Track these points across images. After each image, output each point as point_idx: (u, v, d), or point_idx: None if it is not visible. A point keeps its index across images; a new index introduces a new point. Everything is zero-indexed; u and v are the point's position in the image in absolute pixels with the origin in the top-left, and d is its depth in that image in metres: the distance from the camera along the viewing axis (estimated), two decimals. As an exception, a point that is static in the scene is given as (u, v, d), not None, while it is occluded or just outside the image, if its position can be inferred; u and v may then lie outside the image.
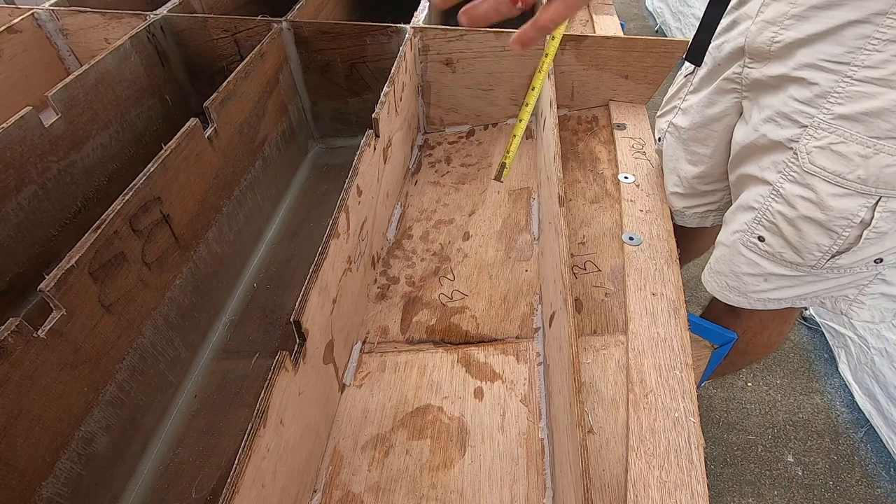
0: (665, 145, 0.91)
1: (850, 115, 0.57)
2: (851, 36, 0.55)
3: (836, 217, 0.62)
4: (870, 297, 0.72)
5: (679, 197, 0.91)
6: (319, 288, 0.62)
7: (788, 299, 0.75)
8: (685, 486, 0.56)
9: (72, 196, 0.92)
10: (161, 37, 1.13)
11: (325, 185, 1.22)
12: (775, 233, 0.68)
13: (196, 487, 0.70)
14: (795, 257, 0.68)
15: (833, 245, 0.64)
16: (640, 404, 0.63)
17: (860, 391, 1.29)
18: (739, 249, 0.73)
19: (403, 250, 0.96)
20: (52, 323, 0.57)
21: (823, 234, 0.64)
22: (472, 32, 1.11)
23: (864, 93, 0.56)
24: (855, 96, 0.57)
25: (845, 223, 0.62)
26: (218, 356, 0.86)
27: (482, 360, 0.77)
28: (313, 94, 1.26)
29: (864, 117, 0.56)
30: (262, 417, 0.49)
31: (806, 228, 0.65)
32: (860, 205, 0.60)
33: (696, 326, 0.82)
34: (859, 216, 0.60)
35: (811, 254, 0.66)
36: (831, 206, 0.61)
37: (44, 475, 0.58)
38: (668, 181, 0.92)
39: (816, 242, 0.65)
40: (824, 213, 0.62)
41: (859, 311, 0.73)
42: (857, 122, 0.57)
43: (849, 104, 0.57)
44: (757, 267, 0.72)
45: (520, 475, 0.64)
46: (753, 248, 0.71)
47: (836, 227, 0.63)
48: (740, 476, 1.27)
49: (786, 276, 0.71)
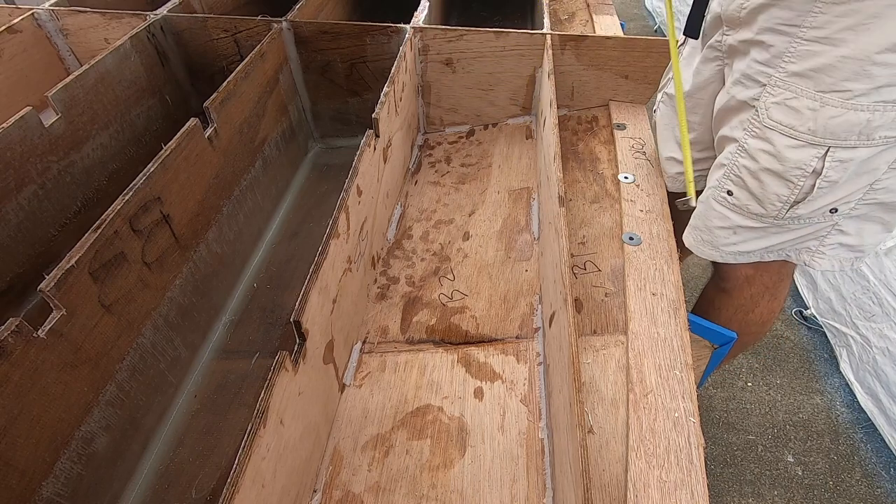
0: (660, 115, 0.95)
1: (801, 72, 0.63)
2: (800, 0, 0.61)
3: (792, 167, 0.67)
4: (829, 248, 0.77)
5: (675, 163, 0.94)
6: (319, 288, 0.62)
7: (757, 252, 0.80)
8: (685, 486, 0.56)
9: (72, 196, 0.92)
10: (161, 37, 1.13)
11: (325, 185, 1.22)
12: (741, 186, 0.73)
13: (196, 487, 0.70)
14: (759, 208, 0.73)
15: (791, 195, 0.69)
16: (640, 404, 0.63)
17: (862, 390, 1.29)
18: (711, 204, 0.78)
19: (403, 250, 0.96)
20: (52, 323, 0.57)
21: (782, 184, 0.69)
22: (472, 32, 1.11)
23: (812, 51, 0.62)
24: (804, 55, 0.63)
25: (800, 173, 0.67)
26: (218, 356, 0.86)
27: (482, 360, 0.77)
28: (313, 94, 1.26)
29: (812, 73, 0.62)
30: (262, 417, 0.49)
31: (767, 180, 0.70)
32: (812, 155, 0.65)
33: (696, 326, 0.82)
34: (811, 166, 0.66)
35: (772, 204, 0.71)
36: (787, 157, 0.67)
37: (44, 475, 0.58)
38: (664, 148, 0.95)
39: (776, 193, 0.70)
40: (782, 164, 0.68)
41: (821, 260, 0.78)
42: (807, 78, 0.63)
43: (799, 62, 0.63)
44: (727, 220, 0.77)
45: (520, 475, 0.64)
46: (723, 202, 0.76)
47: (792, 178, 0.68)
48: (740, 476, 1.27)
49: (752, 229, 0.76)
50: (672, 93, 0.90)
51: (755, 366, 1.50)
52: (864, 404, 1.31)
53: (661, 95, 0.95)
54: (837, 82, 0.61)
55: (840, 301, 1.39)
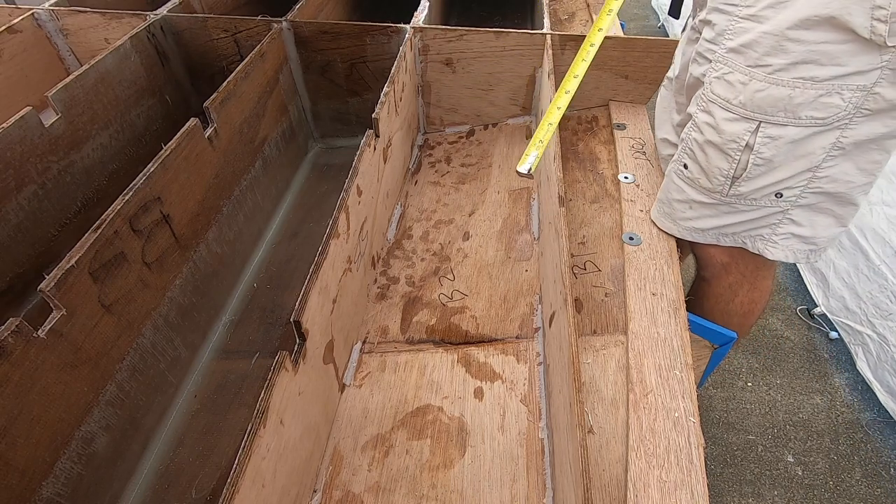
0: (659, 98, 0.99)
1: (735, 47, 0.68)
2: None
3: (728, 140, 0.70)
4: (782, 238, 0.78)
5: (668, 144, 0.95)
6: (319, 288, 0.62)
7: (711, 231, 0.81)
8: (685, 485, 0.56)
9: (72, 196, 0.92)
10: (161, 37, 1.13)
11: (325, 185, 1.22)
12: (693, 159, 0.77)
13: (196, 487, 0.70)
14: (706, 182, 0.76)
15: (730, 169, 0.72)
16: (640, 404, 0.63)
17: (882, 389, 1.29)
18: (672, 178, 0.81)
19: (403, 250, 0.96)
20: (52, 323, 0.57)
21: (722, 157, 0.72)
22: (472, 32, 1.11)
23: (743, 28, 0.67)
24: (738, 31, 0.67)
25: (735, 146, 0.70)
26: (218, 356, 0.86)
27: (482, 360, 0.77)
28: (313, 94, 1.26)
29: (742, 48, 0.67)
30: (262, 417, 0.49)
31: (710, 152, 0.73)
32: (744, 129, 0.69)
33: (696, 326, 0.82)
34: (744, 139, 0.69)
35: (716, 178, 0.74)
36: (724, 129, 0.70)
37: (44, 475, 0.58)
38: (659, 130, 0.98)
39: (718, 166, 0.73)
40: (720, 137, 0.71)
41: (773, 249, 0.79)
42: (739, 54, 0.67)
43: (735, 39, 0.68)
44: (683, 193, 0.80)
45: (520, 475, 0.64)
46: (680, 174, 0.79)
47: (729, 151, 0.71)
48: (740, 476, 1.27)
49: (705, 204, 0.78)
50: (672, 76, 0.93)
51: (755, 366, 1.50)
52: (885, 403, 1.31)
53: (664, 79, 0.99)
54: (761, 57, 0.65)
55: (855, 299, 1.38)
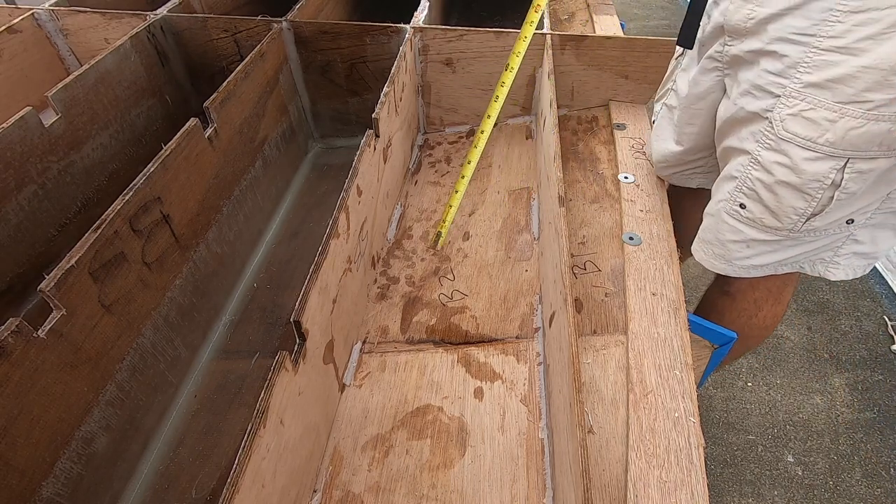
0: (656, 125, 0.95)
1: (818, 82, 0.62)
2: (816, 9, 0.60)
3: (810, 180, 0.66)
4: (844, 258, 0.76)
5: (664, 167, 0.95)
6: (319, 288, 0.62)
7: (770, 265, 0.78)
8: (685, 486, 0.56)
9: (72, 196, 0.92)
10: (161, 37, 1.13)
11: (325, 185, 1.22)
12: (755, 199, 0.72)
13: (196, 487, 0.70)
14: (774, 221, 0.72)
15: (808, 207, 0.68)
16: (640, 404, 0.63)
17: None
18: (723, 217, 0.77)
19: (403, 250, 0.96)
20: (52, 323, 0.57)
21: (799, 197, 0.68)
22: (472, 32, 1.11)
23: (829, 61, 0.60)
24: (821, 65, 0.61)
25: (818, 185, 0.66)
26: (218, 356, 0.86)
27: (482, 360, 0.77)
28: (313, 94, 1.26)
29: (829, 84, 0.61)
30: (262, 417, 0.49)
31: (783, 193, 0.69)
32: (830, 167, 0.64)
33: (696, 326, 0.82)
34: (830, 178, 0.64)
35: (788, 217, 0.70)
36: (805, 169, 0.65)
37: (44, 475, 0.58)
38: (654, 157, 0.95)
39: (793, 206, 0.69)
40: (799, 177, 0.66)
41: (835, 270, 0.77)
42: (824, 89, 0.61)
43: (816, 73, 0.62)
44: (740, 233, 0.76)
45: (520, 475, 0.64)
46: (736, 215, 0.75)
47: (809, 190, 0.67)
48: (740, 476, 1.27)
49: (766, 242, 0.75)
50: (671, 104, 0.89)
51: (755, 366, 1.50)
52: None
53: (660, 107, 0.94)
54: (858, 93, 0.59)
55: None
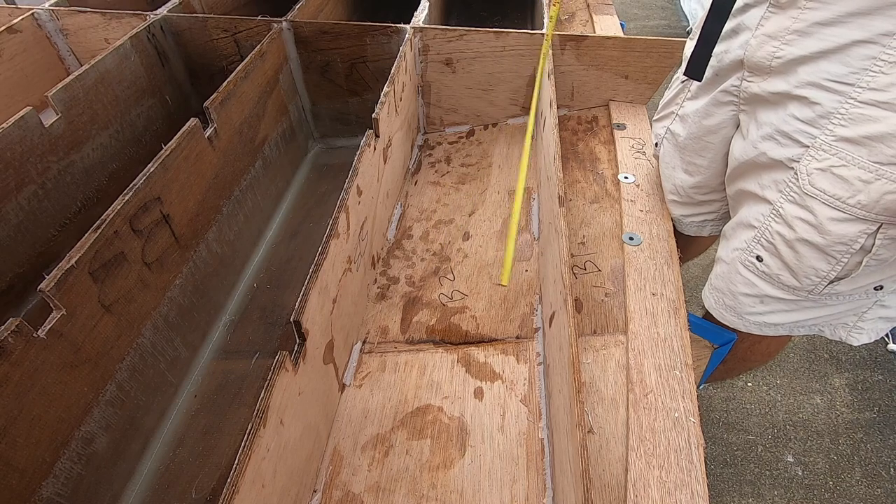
0: (662, 152, 0.89)
1: (853, 137, 0.55)
2: (857, 56, 0.53)
3: (835, 242, 0.59)
4: (869, 322, 0.70)
5: (676, 205, 0.89)
6: (319, 288, 0.62)
7: (785, 325, 0.72)
8: (685, 486, 0.56)
9: (72, 196, 0.92)
10: (161, 37, 1.13)
11: (325, 185, 1.22)
12: (773, 254, 0.66)
13: (196, 487, 0.70)
14: (793, 280, 0.65)
15: (831, 271, 0.61)
16: (640, 404, 0.63)
17: None
18: (738, 268, 0.71)
19: (403, 250, 0.96)
20: (52, 323, 0.57)
21: (822, 258, 0.61)
22: (472, 32, 1.11)
23: (868, 116, 0.54)
24: (858, 119, 0.54)
25: (844, 249, 0.59)
26: (218, 356, 0.86)
27: (482, 360, 0.77)
28: (313, 94, 1.26)
29: (867, 141, 0.54)
30: (262, 417, 0.49)
31: (804, 252, 0.62)
32: (860, 231, 0.57)
33: (696, 326, 0.82)
34: (859, 242, 0.58)
35: (808, 278, 0.63)
36: (830, 230, 0.58)
37: (44, 475, 0.58)
38: (665, 187, 0.90)
39: (814, 267, 0.62)
40: (823, 238, 0.59)
41: (858, 335, 0.71)
42: (860, 146, 0.55)
43: (852, 126, 0.55)
44: (754, 287, 0.70)
45: (520, 475, 0.64)
46: (751, 267, 0.69)
47: (834, 253, 0.60)
48: (740, 476, 1.27)
49: (783, 300, 0.69)
50: (677, 132, 0.82)
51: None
52: None
53: (664, 131, 0.87)
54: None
55: None
